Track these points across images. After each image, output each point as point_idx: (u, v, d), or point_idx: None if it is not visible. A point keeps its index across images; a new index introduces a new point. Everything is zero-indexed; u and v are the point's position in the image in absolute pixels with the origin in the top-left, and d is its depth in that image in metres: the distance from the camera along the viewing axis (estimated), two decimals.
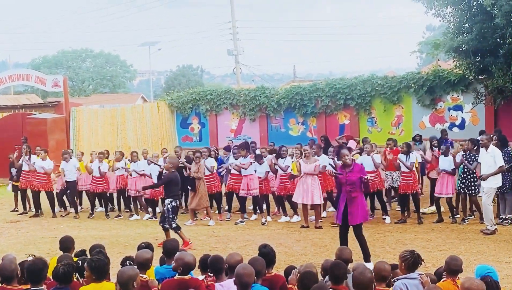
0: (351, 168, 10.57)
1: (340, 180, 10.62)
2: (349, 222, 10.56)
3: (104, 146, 22.96)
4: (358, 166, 10.80)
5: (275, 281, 6.79)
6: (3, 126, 25.78)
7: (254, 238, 13.26)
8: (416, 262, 6.63)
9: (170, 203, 12.66)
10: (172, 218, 12.64)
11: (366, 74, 25.35)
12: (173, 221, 12.65)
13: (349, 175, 10.47)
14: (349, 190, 10.48)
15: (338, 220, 10.85)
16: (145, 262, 6.86)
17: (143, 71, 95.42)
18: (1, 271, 6.56)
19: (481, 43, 19.01)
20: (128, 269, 6.10)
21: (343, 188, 10.61)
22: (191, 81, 68.75)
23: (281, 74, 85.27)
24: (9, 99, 38.88)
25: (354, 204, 10.51)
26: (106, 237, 13.53)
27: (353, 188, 10.49)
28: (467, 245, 11.96)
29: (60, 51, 73.74)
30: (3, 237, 14.50)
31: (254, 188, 15.22)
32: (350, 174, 10.48)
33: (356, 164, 10.84)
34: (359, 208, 10.60)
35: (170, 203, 12.66)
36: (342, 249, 7.24)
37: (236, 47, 41.18)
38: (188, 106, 27.79)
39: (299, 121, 26.06)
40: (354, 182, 10.48)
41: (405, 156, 14.57)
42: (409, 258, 6.62)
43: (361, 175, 10.52)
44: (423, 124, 23.53)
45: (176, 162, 13.36)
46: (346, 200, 10.54)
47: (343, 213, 10.62)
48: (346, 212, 10.57)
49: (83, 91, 66.95)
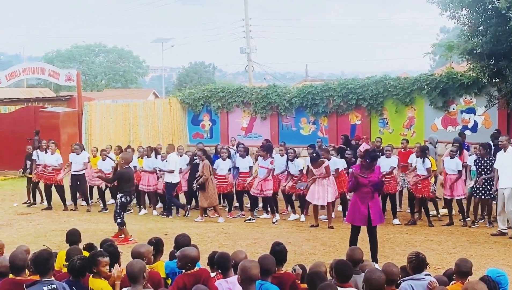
0: (372, 170, 10.49)
1: (362, 182, 10.44)
2: (372, 223, 10.47)
3: (115, 141, 23.06)
4: (378, 167, 10.75)
5: (285, 279, 6.80)
6: (16, 118, 25.94)
7: (263, 236, 13.27)
8: (420, 265, 6.64)
9: (120, 199, 13.00)
10: (119, 213, 12.96)
11: (379, 75, 25.30)
12: (119, 217, 12.98)
13: (371, 176, 10.39)
14: (370, 191, 10.38)
15: (360, 222, 10.60)
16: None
17: (155, 67, 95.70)
18: (11, 262, 6.61)
19: (496, 46, 18.94)
20: (137, 261, 6.16)
21: (364, 189, 10.41)
22: (203, 78, 68.94)
23: (293, 73, 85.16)
24: (22, 92, 39.10)
25: (375, 204, 10.48)
26: (116, 231, 13.57)
27: (375, 189, 10.46)
28: (477, 249, 11.93)
29: (73, 45, 74.00)
30: (14, 229, 14.60)
31: (268, 189, 15.21)
32: (372, 175, 10.41)
33: (378, 167, 10.76)
34: (379, 209, 10.64)
35: (120, 199, 13.00)
36: (354, 249, 7.24)
37: (248, 45, 41.16)
38: (200, 103, 27.85)
39: (310, 121, 26.04)
40: (377, 183, 10.44)
41: (420, 159, 14.49)
42: (413, 260, 6.65)
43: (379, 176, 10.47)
44: (435, 126, 23.46)
45: (129, 158, 13.51)
46: (368, 202, 10.41)
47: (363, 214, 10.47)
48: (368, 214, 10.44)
49: (96, 85, 67.20)
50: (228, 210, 16.24)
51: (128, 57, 74.71)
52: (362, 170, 10.54)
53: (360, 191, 10.46)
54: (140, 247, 7.04)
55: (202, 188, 15.12)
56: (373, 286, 5.65)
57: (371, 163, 10.50)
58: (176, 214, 16.20)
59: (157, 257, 7.54)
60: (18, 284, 6.26)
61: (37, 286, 5.94)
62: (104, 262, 6.63)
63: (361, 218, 10.49)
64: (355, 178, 10.37)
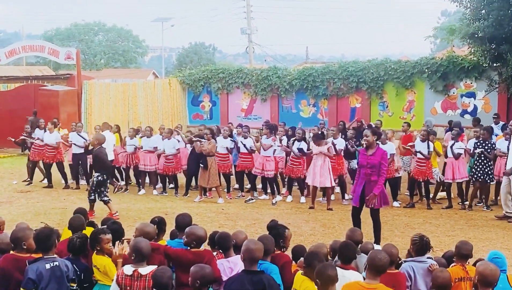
0: (374, 151, 10.33)
1: (361, 162, 10.40)
2: (366, 204, 10.39)
3: (115, 120, 22.99)
4: (381, 151, 10.48)
5: (277, 260, 6.81)
6: (16, 96, 25.87)
7: (263, 217, 13.30)
8: (424, 248, 6.68)
9: (96, 177, 13.27)
10: (94, 190, 13.21)
11: (380, 58, 25.27)
12: (93, 193, 13.23)
13: (371, 158, 10.24)
14: (369, 173, 10.24)
15: (354, 202, 10.66)
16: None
17: (154, 47, 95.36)
18: (12, 238, 6.63)
19: (497, 30, 18.93)
20: (144, 240, 6.21)
21: (363, 171, 10.35)
22: (202, 59, 68.73)
23: (293, 55, 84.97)
24: (21, 70, 38.94)
25: (372, 188, 10.24)
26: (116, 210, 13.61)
27: (373, 171, 10.23)
28: (476, 232, 11.99)
29: (73, 23, 73.64)
30: (13, 207, 14.63)
31: (270, 170, 15.22)
32: (372, 157, 10.25)
33: (379, 148, 10.54)
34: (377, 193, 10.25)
35: (96, 177, 13.27)
36: (353, 230, 7.27)
37: (249, 25, 41.05)
38: (200, 84, 27.83)
39: (310, 103, 26.05)
40: (375, 165, 10.20)
41: (424, 143, 14.48)
42: (417, 243, 6.69)
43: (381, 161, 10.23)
44: (435, 110, 23.50)
45: (102, 138, 13.63)
46: (365, 183, 10.34)
47: (360, 196, 10.46)
48: (363, 195, 10.40)
49: (95, 65, 66.98)
50: (227, 191, 16.23)
51: (128, 37, 74.42)
52: (366, 151, 10.43)
53: (361, 171, 10.45)
54: (146, 227, 7.05)
55: (205, 167, 15.09)
56: (377, 266, 5.64)
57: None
58: (175, 194, 16.21)
59: (160, 236, 7.57)
60: (20, 260, 6.28)
61: (39, 263, 5.96)
62: (106, 239, 6.67)
63: (355, 198, 10.59)
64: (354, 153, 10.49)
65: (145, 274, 5.90)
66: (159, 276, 5.61)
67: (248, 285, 5.57)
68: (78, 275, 6.41)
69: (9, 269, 6.32)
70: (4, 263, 6.42)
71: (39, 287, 5.85)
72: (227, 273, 6.46)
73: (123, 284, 5.88)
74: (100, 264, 6.60)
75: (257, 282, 5.58)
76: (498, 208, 13.82)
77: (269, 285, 5.57)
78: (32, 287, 5.83)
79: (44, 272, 5.90)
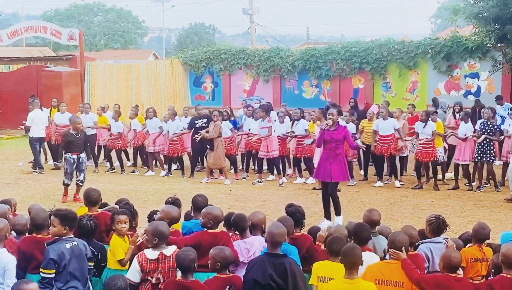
0: (336, 127, 10.91)
1: (326, 138, 10.93)
2: (332, 178, 10.89)
3: (117, 101, 22.94)
4: (342, 126, 11.13)
5: (301, 241, 6.88)
6: (18, 78, 25.77)
7: (271, 198, 13.36)
8: (441, 227, 6.72)
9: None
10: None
11: (383, 38, 25.20)
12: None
13: (335, 133, 10.85)
14: (334, 147, 10.84)
15: (324, 178, 11.04)
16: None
17: (154, 28, 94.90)
18: (32, 220, 6.66)
19: (502, 10, 18.91)
20: (164, 224, 6.25)
21: (328, 146, 10.92)
22: (203, 40, 68.46)
23: (293, 36, 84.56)
24: (22, 51, 38.76)
25: (337, 161, 10.86)
26: (124, 191, 13.63)
27: (338, 145, 10.87)
28: (485, 213, 12.01)
29: (72, 4, 73.19)
30: (22, 188, 14.65)
31: (274, 150, 15.20)
32: (336, 132, 10.85)
33: (340, 126, 11.11)
34: (342, 166, 10.94)
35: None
36: (371, 210, 7.26)
37: (251, 5, 40.84)
38: (202, 65, 27.79)
39: (313, 84, 26.04)
40: (339, 139, 10.88)
41: (423, 124, 14.46)
42: (434, 222, 6.72)
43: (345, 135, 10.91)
44: (438, 90, 23.50)
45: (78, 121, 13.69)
46: (331, 159, 10.85)
47: (326, 170, 10.94)
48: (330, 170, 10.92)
49: (94, 45, 66.62)
50: (234, 171, 16.27)
51: (127, 17, 74.02)
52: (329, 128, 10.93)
53: (325, 147, 10.99)
54: (172, 210, 7.10)
55: (211, 148, 15.11)
56: (397, 247, 5.78)
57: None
58: (181, 176, 16.25)
59: None
60: (40, 242, 6.32)
61: (59, 243, 5.99)
62: (118, 220, 6.78)
63: (324, 173, 10.95)
64: (320, 134, 10.96)
65: (170, 255, 5.96)
66: (182, 258, 5.65)
67: (270, 268, 5.61)
68: (95, 255, 6.46)
69: (30, 251, 6.36)
70: (24, 246, 6.46)
71: (60, 266, 5.89)
72: (243, 254, 6.51)
73: (147, 269, 5.91)
74: (112, 243, 6.71)
75: (278, 265, 5.62)
76: (505, 189, 13.84)
77: (291, 269, 5.60)
78: (54, 267, 5.87)
79: (65, 251, 5.94)
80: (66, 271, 5.93)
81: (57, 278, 5.91)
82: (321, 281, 5.96)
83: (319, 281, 5.97)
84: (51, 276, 5.86)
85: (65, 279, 5.94)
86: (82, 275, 6.06)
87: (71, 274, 5.97)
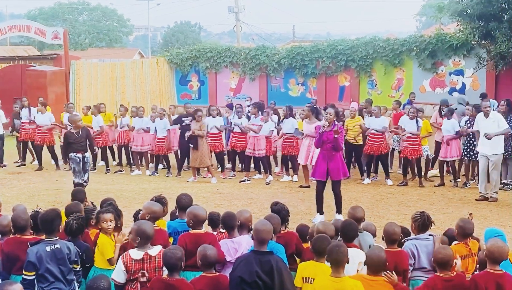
0: (331, 127, 10.94)
1: (324, 139, 10.99)
2: (332, 177, 11.04)
3: (103, 100, 22.84)
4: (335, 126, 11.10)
5: (289, 238, 6.90)
6: (3, 77, 25.56)
7: (258, 196, 13.37)
8: (426, 223, 6.74)
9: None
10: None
11: (368, 36, 25.26)
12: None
13: (330, 134, 10.90)
14: (330, 148, 10.94)
15: (320, 177, 11.16)
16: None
17: (139, 26, 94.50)
18: (14, 221, 6.64)
19: (486, 8, 19.02)
20: (149, 223, 6.22)
21: (324, 146, 11.00)
22: (188, 38, 68.30)
23: (279, 34, 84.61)
24: (6, 50, 38.53)
25: (334, 161, 11.00)
26: (111, 191, 13.56)
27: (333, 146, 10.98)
28: (470, 209, 11.96)
29: (56, 3, 72.83)
30: (6, 188, 14.53)
31: (261, 149, 15.21)
32: (330, 133, 10.91)
33: (335, 124, 11.13)
34: (340, 164, 11.07)
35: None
36: (355, 207, 7.31)
37: (237, 4, 40.78)
38: (188, 63, 27.70)
39: (299, 82, 26.05)
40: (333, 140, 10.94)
41: (412, 120, 14.48)
42: (419, 219, 6.73)
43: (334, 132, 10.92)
44: (424, 88, 23.59)
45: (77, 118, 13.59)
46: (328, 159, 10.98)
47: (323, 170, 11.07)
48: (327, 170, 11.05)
49: (79, 44, 66.29)
50: (221, 170, 16.26)
51: (112, 16, 73.72)
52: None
53: (323, 148, 11.08)
54: (153, 205, 7.04)
55: (195, 147, 15.07)
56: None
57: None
58: (167, 174, 16.21)
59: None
60: (23, 242, 6.30)
61: (40, 245, 5.99)
62: (103, 219, 6.73)
63: (321, 172, 11.08)
64: (320, 135, 10.98)
65: (155, 255, 5.94)
66: (169, 257, 5.63)
67: (256, 265, 5.60)
68: (80, 256, 6.43)
69: (14, 251, 6.33)
70: (7, 247, 6.43)
71: (40, 269, 5.89)
72: (231, 253, 6.48)
73: (132, 269, 5.88)
74: (100, 242, 6.65)
75: (265, 263, 5.62)
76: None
77: (277, 267, 5.60)
78: (33, 269, 5.87)
79: (44, 254, 5.94)
80: (47, 273, 5.93)
81: (39, 279, 5.92)
82: (305, 282, 5.96)
83: (303, 282, 5.97)
84: (31, 278, 5.88)
85: (47, 280, 5.94)
86: (64, 277, 6.04)
87: (53, 275, 5.97)
